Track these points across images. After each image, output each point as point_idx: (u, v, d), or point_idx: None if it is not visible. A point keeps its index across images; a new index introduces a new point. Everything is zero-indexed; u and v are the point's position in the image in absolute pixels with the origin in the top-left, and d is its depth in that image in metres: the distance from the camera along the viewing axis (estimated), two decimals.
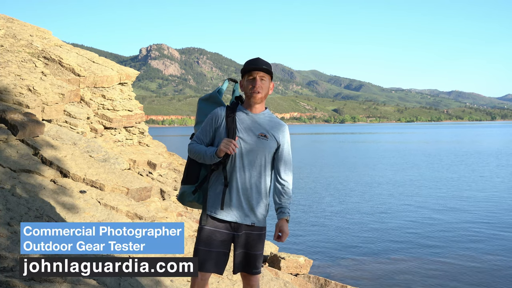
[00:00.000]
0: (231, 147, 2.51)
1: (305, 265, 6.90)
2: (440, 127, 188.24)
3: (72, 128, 7.06)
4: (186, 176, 2.76)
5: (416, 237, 11.61)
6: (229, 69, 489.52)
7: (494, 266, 9.29)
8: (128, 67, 9.39)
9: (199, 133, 2.73)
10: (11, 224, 3.57)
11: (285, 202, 2.70)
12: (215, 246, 2.59)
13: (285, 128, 2.73)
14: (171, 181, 7.88)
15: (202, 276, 2.58)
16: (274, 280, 5.05)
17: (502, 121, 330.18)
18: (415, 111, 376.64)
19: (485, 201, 16.44)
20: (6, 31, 8.46)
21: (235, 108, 2.69)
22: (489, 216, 13.95)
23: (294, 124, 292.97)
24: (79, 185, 5.15)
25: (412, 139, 71.12)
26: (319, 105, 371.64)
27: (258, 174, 2.64)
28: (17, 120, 5.43)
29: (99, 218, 4.60)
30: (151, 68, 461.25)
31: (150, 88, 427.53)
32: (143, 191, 5.81)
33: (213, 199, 2.64)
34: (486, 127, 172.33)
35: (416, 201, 16.81)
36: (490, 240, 11.24)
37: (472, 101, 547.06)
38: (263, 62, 2.64)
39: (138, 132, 8.69)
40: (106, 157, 6.48)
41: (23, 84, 6.63)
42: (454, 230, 12.35)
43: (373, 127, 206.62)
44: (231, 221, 2.62)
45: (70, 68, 8.06)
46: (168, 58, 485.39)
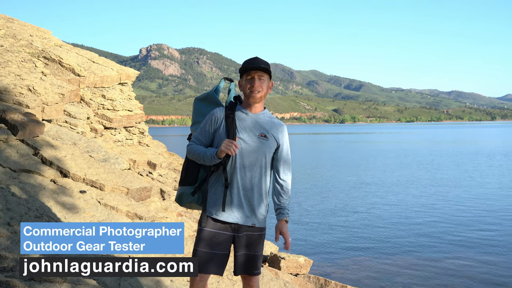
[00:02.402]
0: (232, 148, 2.48)
1: (305, 265, 6.90)
2: (440, 127, 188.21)
3: (72, 128, 7.06)
4: (185, 177, 2.73)
5: (416, 237, 11.61)
6: (229, 69, 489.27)
7: (494, 266, 9.29)
8: (128, 67, 9.39)
9: (198, 134, 2.69)
10: (11, 224, 3.57)
11: (284, 203, 2.69)
12: (215, 247, 2.58)
13: (284, 128, 2.72)
14: (171, 181, 7.88)
15: (201, 277, 2.56)
16: (274, 280, 5.05)
17: (502, 121, 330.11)
18: (415, 111, 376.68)
19: (485, 202, 16.43)
20: (6, 31, 8.46)
21: (234, 108, 2.67)
22: (489, 216, 13.95)
23: (294, 124, 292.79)
24: (79, 185, 5.15)
25: (411, 139, 71.10)
26: (319, 105, 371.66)
27: (259, 174, 2.62)
28: (17, 120, 5.43)
29: (99, 218, 4.60)
30: (151, 68, 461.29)
31: (150, 88, 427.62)
32: (143, 191, 5.81)
33: (213, 200, 2.61)
34: (486, 127, 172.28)
35: (416, 201, 16.81)
36: (490, 240, 11.23)
37: (472, 101, 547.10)
38: (262, 61, 2.62)
39: (138, 132, 8.69)
40: (106, 157, 6.48)
41: (23, 84, 6.63)
42: (454, 230, 12.35)
43: (373, 127, 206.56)
44: (232, 223, 2.60)
45: (70, 68, 8.06)
46: (168, 58, 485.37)
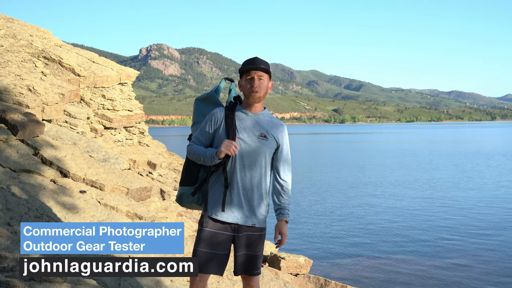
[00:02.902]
0: (232, 149, 2.48)
1: (305, 265, 6.90)
2: (439, 127, 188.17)
3: (72, 128, 7.06)
4: (185, 177, 2.73)
5: (416, 237, 11.61)
6: (229, 69, 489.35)
7: (494, 266, 9.29)
8: (128, 67, 9.39)
9: (198, 134, 2.69)
10: (11, 224, 3.57)
11: (284, 203, 2.69)
12: (216, 247, 2.57)
13: (284, 128, 2.72)
14: (171, 181, 7.88)
15: (201, 277, 2.56)
16: (274, 280, 5.05)
17: (502, 121, 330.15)
18: (415, 111, 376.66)
19: (485, 201, 16.43)
20: (6, 31, 8.46)
21: (234, 109, 2.66)
22: (489, 216, 13.94)
23: (294, 124, 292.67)
24: (79, 185, 5.15)
25: (411, 139, 71.07)
26: (319, 105, 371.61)
27: (259, 174, 2.62)
28: (17, 120, 5.43)
29: (99, 218, 4.60)
30: (151, 68, 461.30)
31: (150, 88, 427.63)
32: (143, 191, 5.81)
33: (214, 200, 2.61)
34: (486, 127, 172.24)
35: (416, 201, 16.81)
36: (490, 240, 11.23)
37: (472, 101, 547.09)
38: (261, 62, 2.62)
39: (138, 132, 8.69)
40: (106, 157, 6.48)
41: (23, 84, 6.63)
42: (454, 230, 12.35)
43: (373, 127, 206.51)
44: (232, 223, 2.60)
45: (70, 68, 8.06)
46: (168, 58, 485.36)
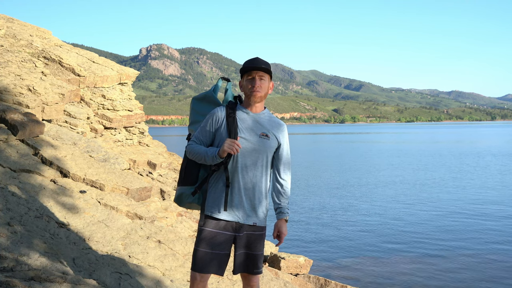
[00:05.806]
0: (234, 148, 2.48)
1: (305, 265, 6.90)
2: (439, 127, 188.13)
3: (72, 128, 7.05)
4: (184, 177, 2.71)
5: (416, 238, 11.61)
6: (229, 69, 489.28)
7: (494, 266, 9.28)
8: (128, 67, 9.39)
9: (198, 134, 2.68)
10: (11, 224, 3.56)
11: (284, 202, 2.69)
12: (216, 247, 2.56)
13: (284, 127, 2.73)
14: (171, 181, 7.87)
15: (202, 277, 2.55)
16: (274, 280, 5.04)
17: (502, 121, 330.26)
18: (415, 111, 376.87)
19: (485, 202, 16.43)
20: (6, 31, 8.46)
21: (235, 108, 2.66)
22: (488, 216, 13.94)
23: (294, 124, 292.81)
24: (79, 185, 5.15)
25: (411, 139, 71.07)
26: (319, 105, 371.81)
27: (260, 174, 2.62)
28: (17, 120, 5.42)
29: (99, 218, 4.60)
30: (151, 68, 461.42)
31: (150, 88, 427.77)
32: (143, 191, 5.81)
33: (214, 199, 2.60)
34: (486, 127, 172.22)
35: (416, 201, 16.80)
36: (490, 240, 11.23)
37: (472, 101, 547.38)
38: (262, 62, 2.63)
39: (138, 132, 8.69)
40: (106, 157, 6.48)
41: (23, 84, 6.62)
42: (453, 230, 12.35)
43: (373, 127, 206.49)
44: (233, 221, 2.59)
45: (70, 68, 8.06)
46: (168, 58, 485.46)
